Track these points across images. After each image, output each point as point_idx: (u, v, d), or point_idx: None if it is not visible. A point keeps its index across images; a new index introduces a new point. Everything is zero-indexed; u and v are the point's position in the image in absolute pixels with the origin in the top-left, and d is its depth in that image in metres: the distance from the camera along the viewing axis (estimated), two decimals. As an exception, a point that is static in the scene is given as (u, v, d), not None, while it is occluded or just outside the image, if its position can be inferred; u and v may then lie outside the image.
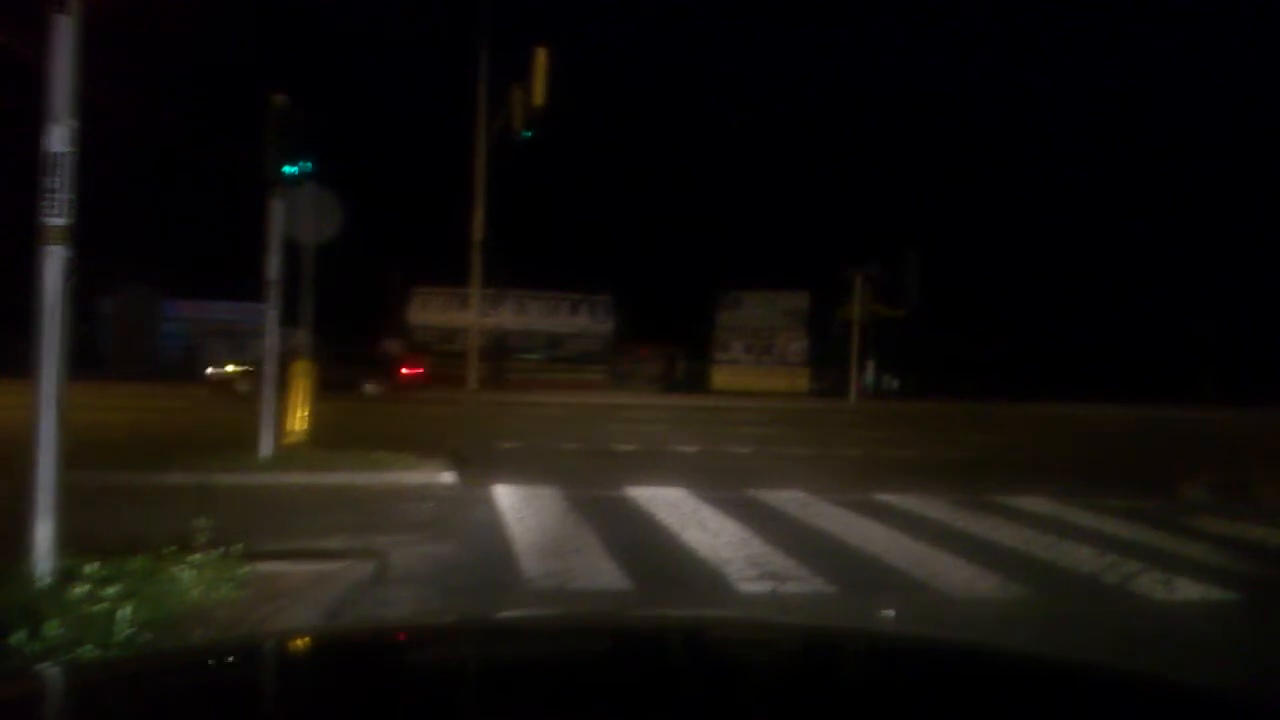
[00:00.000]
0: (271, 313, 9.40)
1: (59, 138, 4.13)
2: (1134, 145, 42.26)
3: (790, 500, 8.35)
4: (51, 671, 1.82)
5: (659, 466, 10.67)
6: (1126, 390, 28.60)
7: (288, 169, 9.16)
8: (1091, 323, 37.15)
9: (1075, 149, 46.44)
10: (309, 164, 9.36)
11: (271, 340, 9.44)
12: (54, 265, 4.13)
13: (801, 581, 5.48)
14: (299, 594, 4.70)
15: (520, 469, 9.95)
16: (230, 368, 23.00)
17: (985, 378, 30.72)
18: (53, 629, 3.53)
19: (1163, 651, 4.45)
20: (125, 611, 3.82)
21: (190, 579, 4.48)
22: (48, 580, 4.04)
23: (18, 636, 3.44)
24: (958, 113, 49.38)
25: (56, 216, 4.12)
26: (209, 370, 23.66)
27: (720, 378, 32.27)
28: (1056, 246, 38.02)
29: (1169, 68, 50.22)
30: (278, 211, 9.38)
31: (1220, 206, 38.24)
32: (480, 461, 10.35)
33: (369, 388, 23.60)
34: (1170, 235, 36.64)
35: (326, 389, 12.33)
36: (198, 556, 4.77)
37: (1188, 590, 5.59)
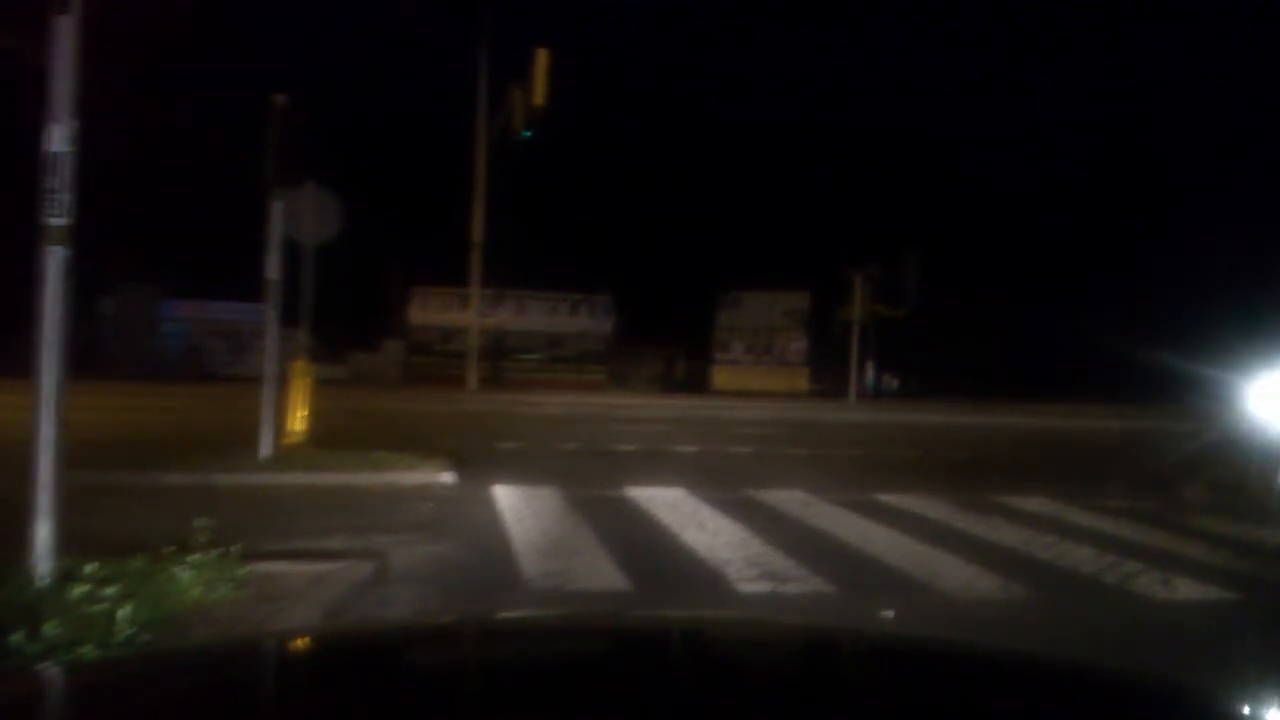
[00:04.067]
0: (272, 313, 9.40)
1: (60, 138, 4.13)
2: (1134, 145, 42.27)
3: (790, 500, 8.35)
4: (51, 672, 1.82)
5: (659, 466, 10.66)
6: (1127, 394, 28.56)
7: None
8: (1091, 323, 37.11)
9: (1075, 149, 46.49)
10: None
11: (272, 340, 9.44)
12: (54, 265, 4.13)
13: (801, 582, 5.48)
14: (299, 594, 4.70)
15: (520, 469, 9.95)
16: None
17: (985, 379, 30.69)
18: (52, 629, 3.53)
19: (1163, 651, 4.45)
20: (125, 612, 3.82)
21: (190, 579, 4.48)
22: (47, 580, 4.04)
23: (17, 637, 3.44)
24: (958, 112, 49.45)
25: (57, 216, 4.12)
26: None
27: (720, 378, 32.26)
28: (1056, 246, 38.03)
29: (1169, 68, 50.22)
30: (278, 211, 9.38)
31: (1219, 206, 38.25)
32: (480, 461, 10.34)
33: None
34: (1170, 236, 36.65)
35: None
36: (197, 557, 4.77)
37: (1188, 590, 5.59)
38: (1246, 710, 1.28)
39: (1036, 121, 48.63)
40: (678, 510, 7.68)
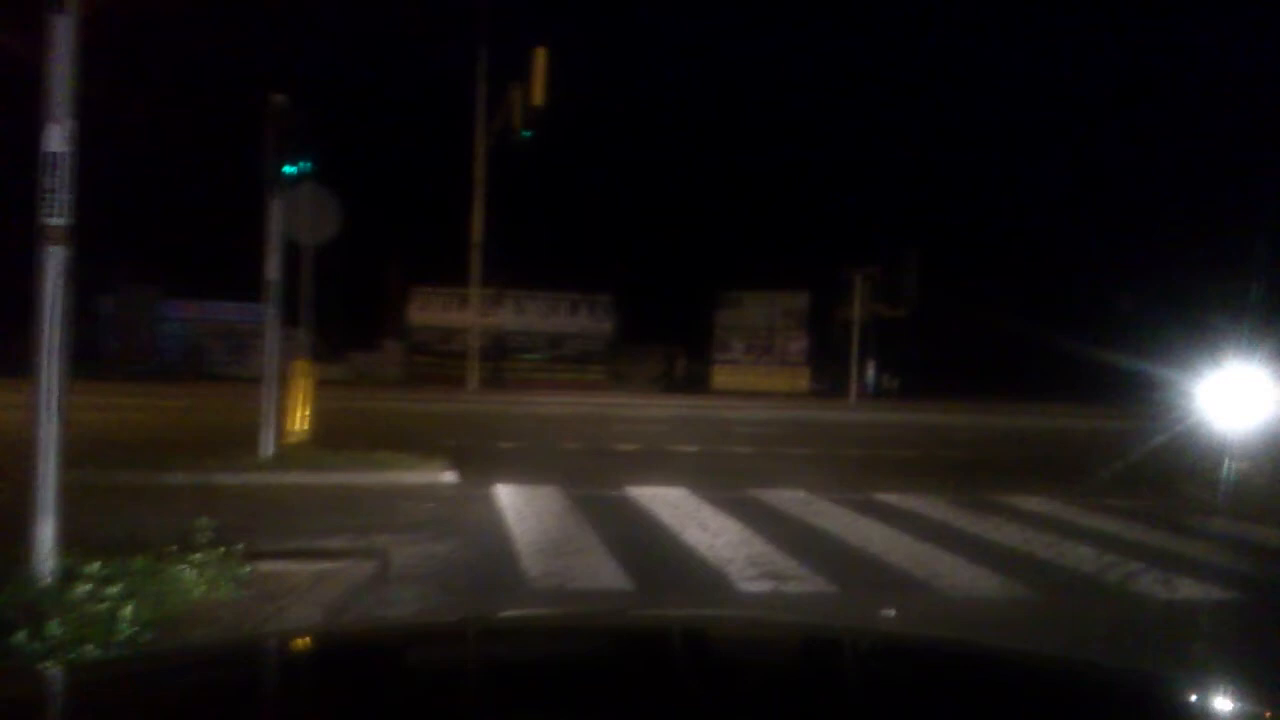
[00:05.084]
0: (272, 312, 9.40)
1: (58, 137, 4.13)
2: (1134, 145, 42.24)
3: (790, 500, 8.35)
4: (53, 671, 1.82)
5: (659, 466, 10.67)
6: (1123, 394, 28.53)
7: (287, 169, 9.16)
8: (1090, 324, 37.08)
9: (1075, 149, 46.42)
10: (308, 164, 9.35)
11: (272, 340, 9.44)
12: (54, 265, 4.13)
13: (802, 581, 5.48)
14: (300, 593, 4.71)
15: (521, 468, 9.95)
16: None
17: (985, 379, 30.67)
18: (54, 628, 3.53)
19: (1163, 651, 4.45)
20: (127, 611, 3.83)
21: (192, 578, 4.49)
22: (49, 580, 4.04)
23: (19, 636, 3.44)
24: (958, 112, 49.36)
25: (56, 216, 4.12)
26: None
27: (720, 378, 32.25)
28: (1056, 246, 37.99)
29: (1169, 67, 50.16)
30: (277, 211, 9.38)
31: (1220, 207, 38.22)
32: (481, 461, 10.35)
33: None
34: (1170, 236, 36.61)
35: None
36: (199, 556, 4.78)
37: (1188, 590, 5.60)
38: (1245, 709, 1.28)
39: (1037, 121, 48.57)
40: (678, 509, 7.68)
